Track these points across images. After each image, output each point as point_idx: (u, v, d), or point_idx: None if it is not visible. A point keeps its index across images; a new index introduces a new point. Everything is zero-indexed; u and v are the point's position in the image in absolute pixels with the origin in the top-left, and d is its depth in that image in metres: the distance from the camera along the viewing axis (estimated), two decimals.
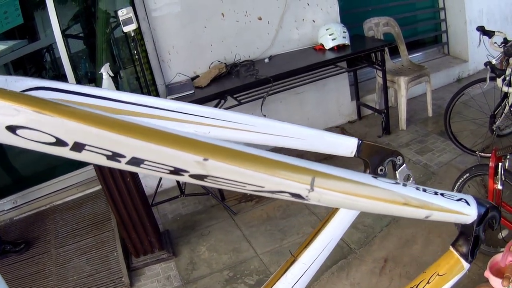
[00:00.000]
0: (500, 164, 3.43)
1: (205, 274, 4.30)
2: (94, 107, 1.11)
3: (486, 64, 4.41)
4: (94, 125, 0.79)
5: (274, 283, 1.60)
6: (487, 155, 4.49)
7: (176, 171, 0.86)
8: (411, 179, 1.72)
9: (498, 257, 3.00)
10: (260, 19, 5.80)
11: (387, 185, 1.11)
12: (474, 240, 1.38)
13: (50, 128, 0.77)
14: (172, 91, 5.14)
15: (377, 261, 4.09)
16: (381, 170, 1.68)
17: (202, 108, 1.41)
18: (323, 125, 6.60)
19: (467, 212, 1.30)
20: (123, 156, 0.82)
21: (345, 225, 1.63)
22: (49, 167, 5.90)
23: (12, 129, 0.75)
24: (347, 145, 1.65)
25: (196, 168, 0.86)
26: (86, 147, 0.80)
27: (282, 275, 1.60)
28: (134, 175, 4.20)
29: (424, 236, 4.25)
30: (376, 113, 6.59)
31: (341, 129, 6.68)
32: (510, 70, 4.35)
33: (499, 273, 2.90)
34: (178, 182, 5.24)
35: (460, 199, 1.30)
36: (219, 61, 5.59)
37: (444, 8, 7.80)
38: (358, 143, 1.65)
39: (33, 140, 0.78)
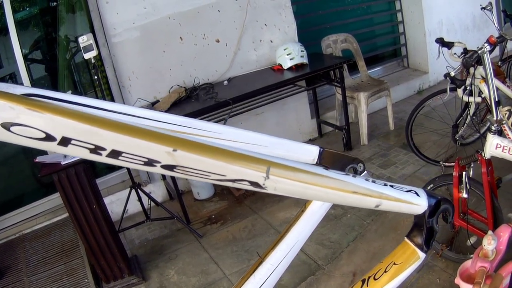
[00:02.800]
0: (464, 173, 3.47)
1: None
2: None
3: (446, 75, 4.45)
4: (79, 121, 0.89)
5: (243, 284, 1.66)
6: (451, 164, 4.44)
7: (150, 162, 0.97)
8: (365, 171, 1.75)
9: (467, 263, 3.06)
10: (218, 41, 5.84)
11: (337, 175, 1.19)
12: (429, 231, 1.47)
13: (41, 124, 0.87)
14: None
15: (345, 276, 4.10)
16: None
17: (175, 117, 1.50)
18: None
19: (416, 202, 1.39)
20: (104, 149, 0.93)
21: (309, 229, 1.70)
22: (17, 195, 5.90)
23: (6, 126, 0.85)
24: (309, 153, 1.72)
25: (166, 158, 0.96)
26: (72, 141, 0.90)
27: (250, 275, 1.66)
28: (100, 202, 4.22)
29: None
30: (337, 130, 6.65)
31: None
32: (470, 80, 4.42)
33: (469, 279, 2.95)
34: (143, 207, 5.23)
35: (409, 191, 1.39)
36: (178, 85, 5.61)
37: (403, 21, 7.95)
38: (320, 150, 1.73)
39: (25, 136, 0.88)
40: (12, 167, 6.16)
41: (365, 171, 1.71)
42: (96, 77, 4.69)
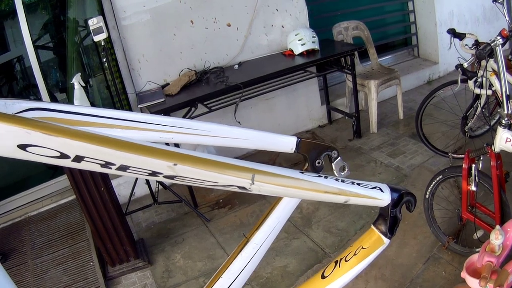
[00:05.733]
0: (473, 165, 3.43)
1: (181, 281, 4.29)
2: (78, 122, 1.48)
3: (457, 66, 4.42)
4: (91, 142, 1.01)
5: (231, 262, 1.76)
6: (460, 156, 4.53)
7: (153, 173, 1.11)
8: (346, 169, 1.92)
9: (474, 257, 3.04)
10: (229, 25, 5.81)
11: (310, 178, 1.38)
12: (392, 220, 1.64)
13: (56, 146, 0.97)
14: (143, 99, 5.13)
15: None
16: (318, 163, 1.88)
17: (165, 118, 1.66)
18: (294, 130, 6.66)
19: (380, 197, 1.57)
20: (114, 164, 1.05)
21: (289, 210, 1.78)
22: (23, 177, 5.89)
23: (23, 147, 0.95)
24: (287, 143, 1.87)
25: (168, 171, 1.12)
26: (85, 159, 1.01)
27: (237, 254, 1.76)
28: (108, 185, 4.21)
29: (399, 238, 4.26)
30: (346, 117, 6.61)
31: (312, 134, 6.72)
32: (481, 72, 4.37)
33: (475, 273, 2.94)
34: (151, 190, 5.22)
35: (374, 187, 1.56)
36: (189, 69, 5.59)
37: (414, 10, 7.90)
38: (297, 141, 1.86)
39: (40, 155, 0.98)
40: None
41: (339, 158, 1.90)
42: (105, 60, 4.67)
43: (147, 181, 5.20)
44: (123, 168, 1.07)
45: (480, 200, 3.73)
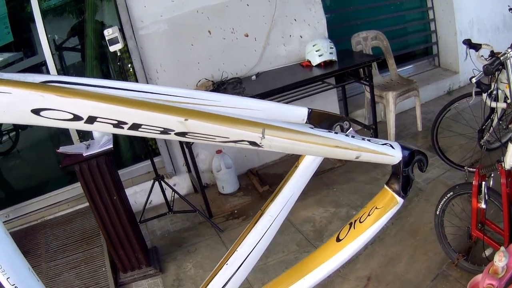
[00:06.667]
0: (483, 182, 3.39)
1: None
2: None
3: (471, 79, 4.39)
4: (103, 101, 1.05)
5: (246, 235, 1.77)
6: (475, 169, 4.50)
7: (165, 131, 1.15)
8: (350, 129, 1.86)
9: (478, 277, 3.03)
10: (247, 36, 5.81)
11: (321, 132, 1.38)
12: (405, 179, 1.60)
13: (69, 107, 1.02)
14: None
15: (360, 280, 4.06)
16: None
17: (175, 89, 1.63)
18: None
19: (391, 153, 1.54)
20: (126, 123, 1.10)
21: (303, 183, 1.80)
22: (41, 182, 5.99)
23: (36, 111, 1.00)
24: (299, 114, 1.82)
25: (179, 127, 1.14)
26: (97, 119, 1.06)
27: (252, 227, 1.77)
28: (121, 193, 4.26)
29: (409, 254, 4.23)
30: (365, 129, 6.53)
31: None
32: (495, 85, 4.30)
33: None
34: (166, 199, 5.25)
35: (385, 144, 1.54)
36: (206, 79, 5.59)
37: (435, 19, 7.80)
38: (308, 111, 1.83)
39: (53, 119, 1.03)
40: (38, 154, 6.22)
41: (351, 128, 1.83)
42: (122, 70, 4.70)
43: (162, 190, 5.22)
44: (135, 126, 1.11)
45: (491, 217, 3.68)
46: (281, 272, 4.29)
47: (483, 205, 3.45)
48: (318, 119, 1.83)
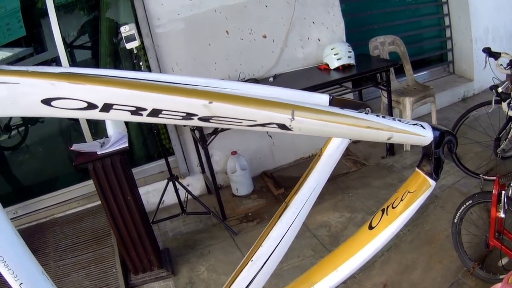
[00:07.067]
0: (503, 192, 3.39)
1: None
2: None
3: (491, 88, 4.36)
4: (120, 87, 1.00)
5: (271, 229, 1.74)
6: (491, 178, 4.48)
7: (188, 116, 1.09)
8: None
9: (497, 286, 2.99)
10: (265, 37, 5.77)
11: (352, 113, 1.32)
12: (436, 162, 1.54)
13: (83, 95, 0.97)
14: None
15: (376, 286, 4.05)
16: None
17: (195, 78, 1.57)
18: None
19: (423, 133, 1.48)
20: (145, 109, 1.03)
21: (328, 172, 1.79)
22: (51, 178, 5.93)
23: (47, 101, 0.95)
24: (320, 101, 1.77)
25: (203, 111, 1.08)
26: (114, 106, 1.00)
27: (277, 220, 1.74)
28: (135, 193, 4.20)
29: (425, 262, 4.21)
30: None
31: (346, 150, 6.53)
32: None
33: None
34: (179, 200, 5.21)
35: (415, 124, 1.49)
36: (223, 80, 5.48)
37: (450, 26, 7.78)
38: (330, 98, 1.79)
39: (66, 108, 0.98)
40: (48, 149, 6.17)
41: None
42: (138, 67, 4.66)
43: (176, 191, 5.18)
44: (155, 113, 1.05)
45: (509, 227, 3.67)
46: (296, 277, 4.27)
47: (502, 215, 3.45)
48: (339, 106, 1.72)
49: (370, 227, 1.64)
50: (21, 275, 1.28)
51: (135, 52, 4.48)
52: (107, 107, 0.99)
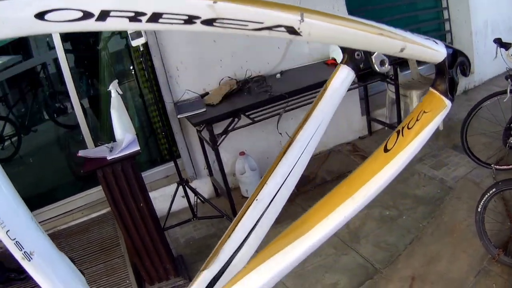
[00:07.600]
0: None
1: None
2: None
3: (507, 77, 4.34)
4: None
5: (276, 166, 1.67)
6: (503, 167, 4.81)
7: (190, 20, 0.99)
8: (387, 63, 1.71)
9: None
10: None
11: (364, 20, 1.24)
12: (450, 82, 1.50)
13: (77, 3, 0.90)
14: (181, 109, 4.99)
15: (404, 280, 4.02)
16: (358, 55, 1.74)
17: None
18: (334, 141, 6.55)
19: (437, 48, 1.44)
20: (144, 14, 0.95)
21: (333, 107, 1.74)
22: (50, 189, 5.83)
23: (40, 15, 0.88)
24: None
25: (207, 12, 0.99)
26: (111, 13, 0.93)
27: (282, 157, 1.68)
28: (147, 198, 4.05)
29: (449, 252, 4.22)
30: (386, 128, 6.54)
31: (352, 145, 6.57)
32: None
33: None
34: (190, 204, 5.10)
35: (428, 39, 1.43)
36: (229, 77, 5.48)
37: (449, 19, 7.81)
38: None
39: (61, 21, 0.91)
40: (45, 160, 6.05)
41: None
42: (143, 66, 4.61)
43: (186, 195, 5.06)
44: (155, 17, 0.97)
45: None
46: (321, 276, 4.18)
47: None
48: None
49: (386, 150, 1.54)
50: (7, 221, 1.21)
51: (141, 50, 4.38)
52: (103, 15, 0.93)
